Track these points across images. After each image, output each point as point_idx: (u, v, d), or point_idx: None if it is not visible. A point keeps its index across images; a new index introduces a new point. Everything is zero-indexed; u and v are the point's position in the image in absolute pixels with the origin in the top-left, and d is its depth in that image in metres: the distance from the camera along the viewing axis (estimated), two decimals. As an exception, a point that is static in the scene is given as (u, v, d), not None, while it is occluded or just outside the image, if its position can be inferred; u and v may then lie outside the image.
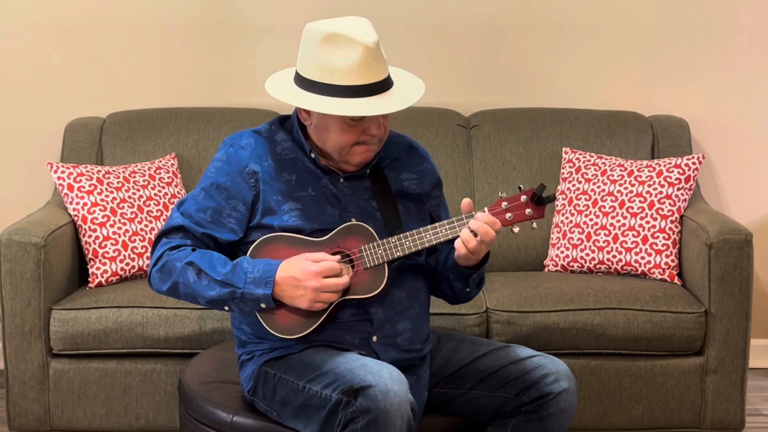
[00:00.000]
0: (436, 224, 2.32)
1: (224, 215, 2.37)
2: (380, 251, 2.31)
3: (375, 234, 2.33)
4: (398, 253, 2.31)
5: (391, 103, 2.28)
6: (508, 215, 2.31)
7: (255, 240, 2.36)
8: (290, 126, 2.44)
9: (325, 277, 2.25)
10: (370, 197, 2.41)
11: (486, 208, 2.32)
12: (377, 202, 2.41)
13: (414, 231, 2.32)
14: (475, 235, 2.26)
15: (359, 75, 2.25)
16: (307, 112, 2.36)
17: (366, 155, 2.37)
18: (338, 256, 2.31)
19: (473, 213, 2.31)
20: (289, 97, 2.32)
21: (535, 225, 2.33)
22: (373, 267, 2.32)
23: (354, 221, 2.36)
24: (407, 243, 2.31)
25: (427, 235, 2.32)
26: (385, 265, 2.32)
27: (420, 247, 2.32)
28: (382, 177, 2.44)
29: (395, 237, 2.32)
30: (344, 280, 2.27)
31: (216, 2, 3.90)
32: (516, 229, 2.33)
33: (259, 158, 2.38)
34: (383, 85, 2.29)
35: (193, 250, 2.34)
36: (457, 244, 2.29)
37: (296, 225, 2.35)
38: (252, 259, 2.31)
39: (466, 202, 2.32)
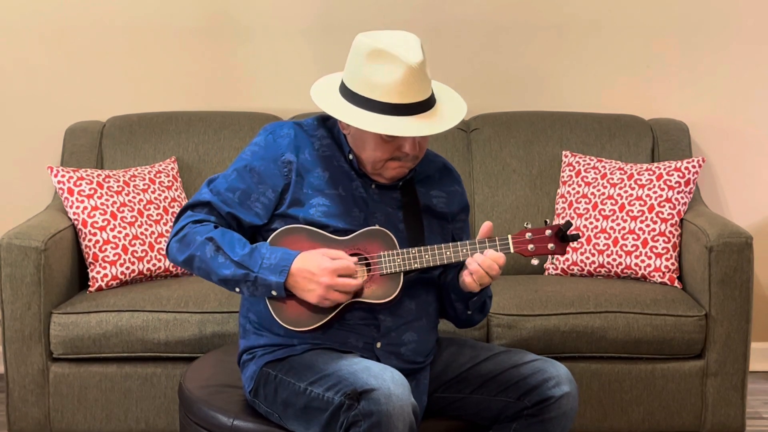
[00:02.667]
0: (458, 243, 2.34)
1: (252, 199, 2.38)
2: (398, 260, 2.32)
3: (396, 243, 2.34)
4: (416, 265, 2.32)
5: (427, 125, 2.29)
6: (530, 246, 2.35)
7: (277, 228, 2.37)
8: (332, 125, 2.45)
9: (339, 276, 2.26)
10: (397, 207, 2.43)
11: (509, 236, 2.35)
12: (403, 213, 2.43)
13: (435, 246, 2.34)
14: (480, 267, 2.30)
15: (399, 94, 2.26)
16: None
17: (399, 171, 2.39)
18: (355, 258, 2.31)
19: (495, 238, 2.34)
20: (327, 106, 2.34)
21: (536, 261, 2.36)
22: (388, 274, 2.32)
23: (378, 227, 2.37)
24: (426, 256, 2.33)
25: (448, 252, 2.33)
26: (401, 274, 2.33)
27: (438, 263, 2.34)
28: (412, 191, 2.45)
29: (415, 249, 2.34)
30: (357, 281, 2.28)
31: (217, 6, 3.90)
32: (535, 262, 2.37)
33: (296, 149, 2.40)
34: (424, 106, 2.30)
35: (215, 227, 2.36)
36: (465, 275, 2.32)
37: (321, 220, 2.36)
38: (271, 246, 2.33)
39: (486, 226, 2.35)
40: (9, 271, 3.13)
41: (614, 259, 3.41)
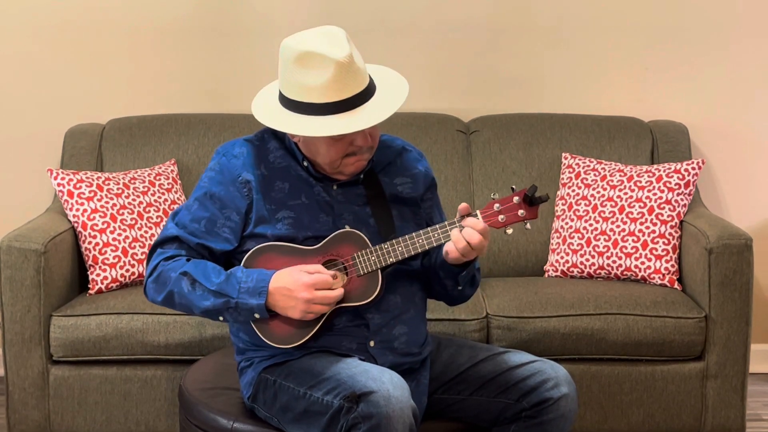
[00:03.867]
0: (429, 229, 2.33)
1: (218, 225, 2.37)
2: (373, 258, 2.32)
3: (368, 240, 2.34)
4: (391, 259, 2.31)
5: (371, 115, 2.27)
6: (500, 217, 2.32)
7: (249, 249, 2.36)
8: (282, 134, 2.44)
9: (317, 289, 2.26)
10: (363, 203, 2.42)
11: (478, 211, 2.32)
12: (371, 208, 2.41)
13: (407, 236, 2.32)
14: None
15: (335, 91, 2.25)
16: None
17: (358, 165, 2.37)
18: (333, 271, 2.31)
19: (463, 217, 2.31)
20: (270, 120, 2.33)
21: (528, 225, 2.33)
22: (366, 274, 2.32)
23: (347, 228, 2.36)
24: (400, 249, 2.31)
25: (420, 240, 2.32)
26: (379, 271, 2.32)
27: (413, 253, 2.32)
28: (375, 182, 2.44)
29: (388, 243, 2.32)
30: (337, 293, 2.27)
31: (217, 8, 3.90)
32: (509, 231, 2.32)
33: (251, 167, 2.39)
34: (362, 97, 2.28)
35: (188, 260, 2.35)
36: (448, 245, 2.30)
37: (289, 233, 2.35)
38: (246, 269, 2.32)
39: (463, 206, 2.33)
40: (9, 273, 3.13)
41: (614, 261, 3.41)
